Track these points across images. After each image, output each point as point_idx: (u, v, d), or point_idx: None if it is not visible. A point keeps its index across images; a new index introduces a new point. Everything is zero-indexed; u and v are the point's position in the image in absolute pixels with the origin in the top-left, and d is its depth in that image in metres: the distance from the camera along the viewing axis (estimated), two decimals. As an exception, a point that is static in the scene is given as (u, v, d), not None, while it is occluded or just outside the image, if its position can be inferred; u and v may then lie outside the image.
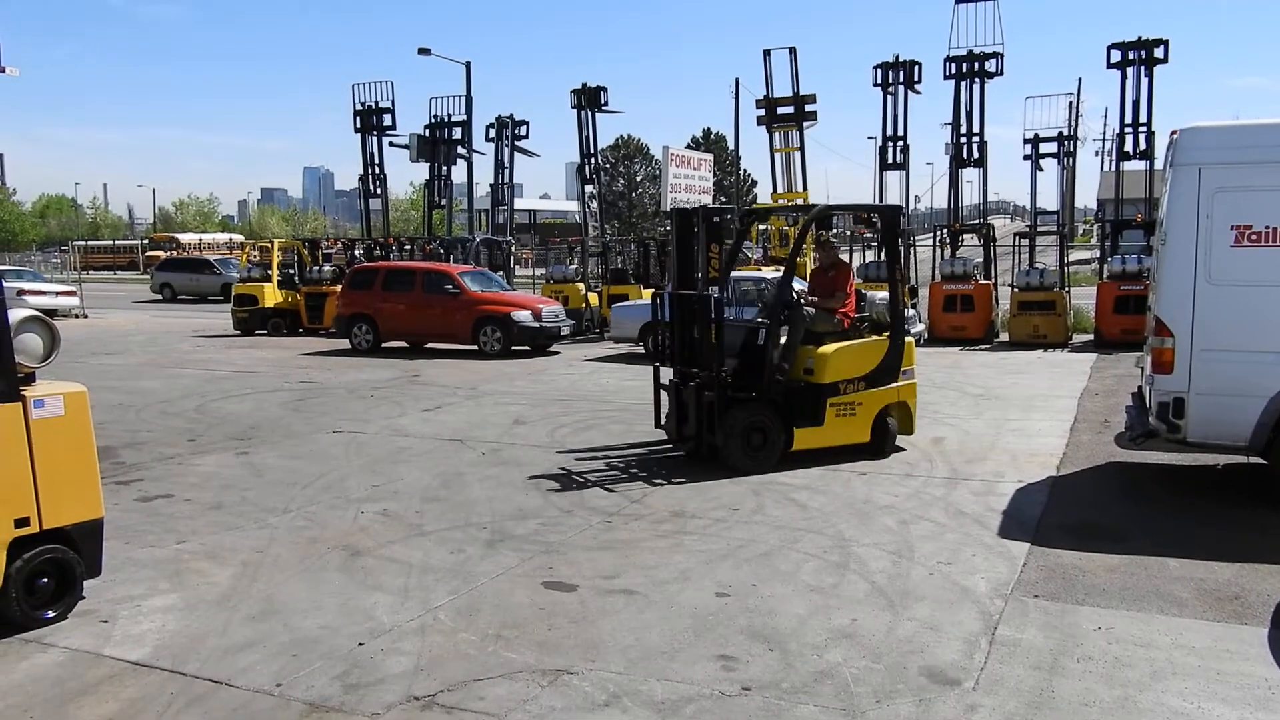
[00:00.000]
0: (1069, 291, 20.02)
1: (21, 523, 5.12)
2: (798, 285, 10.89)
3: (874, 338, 9.40)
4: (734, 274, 20.67)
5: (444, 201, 27.69)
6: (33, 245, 77.70)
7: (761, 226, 30.06)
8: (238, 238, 70.05)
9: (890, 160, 23.22)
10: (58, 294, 28.65)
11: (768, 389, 8.92)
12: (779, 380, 8.93)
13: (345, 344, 19.70)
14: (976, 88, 21.78)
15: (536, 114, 31.72)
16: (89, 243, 70.74)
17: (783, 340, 9.10)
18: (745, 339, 9.34)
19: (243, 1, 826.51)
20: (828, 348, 9.12)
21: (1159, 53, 20.02)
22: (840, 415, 9.06)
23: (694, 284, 9.27)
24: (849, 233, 22.39)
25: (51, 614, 5.31)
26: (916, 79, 22.73)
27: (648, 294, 21.77)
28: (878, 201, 22.95)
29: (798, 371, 9.14)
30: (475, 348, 18.62)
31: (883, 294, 9.64)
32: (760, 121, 25.50)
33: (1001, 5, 21.57)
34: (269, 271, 24.03)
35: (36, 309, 6.17)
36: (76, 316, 27.96)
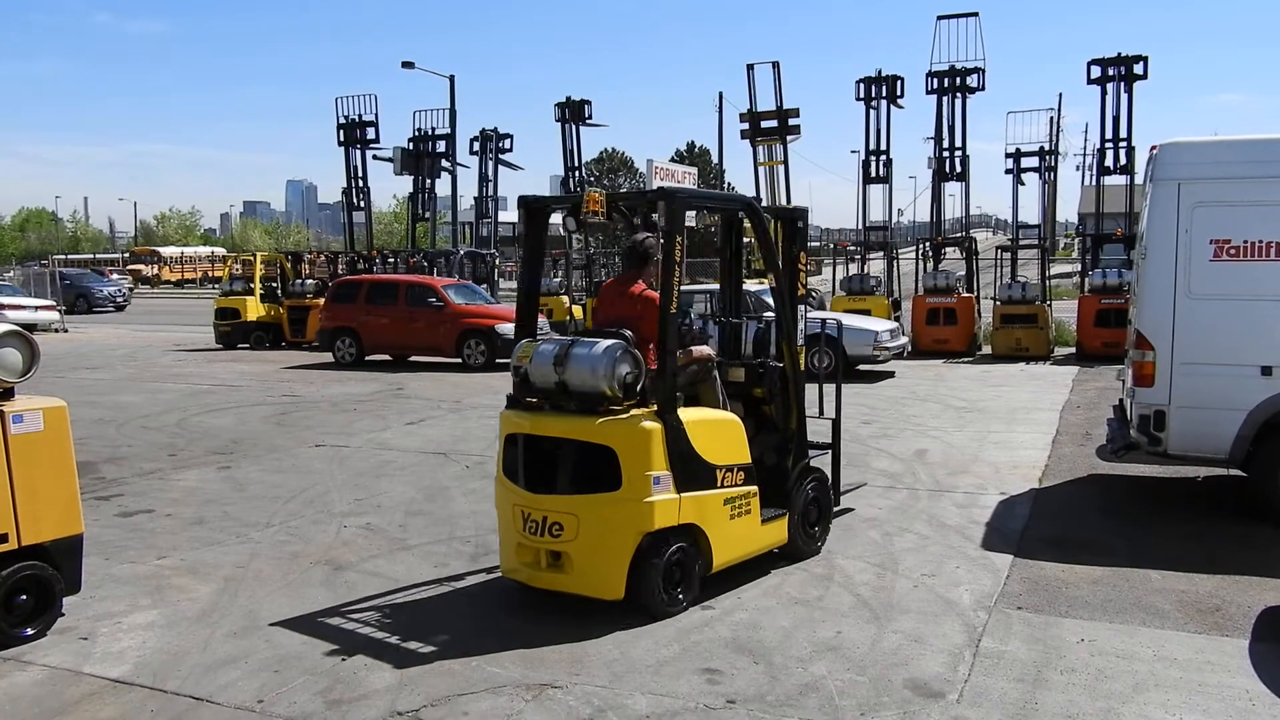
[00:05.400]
0: (1050, 305, 20.18)
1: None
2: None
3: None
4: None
5: (428, 214, 27.64)
6: (12, 259, 77.19)
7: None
8: (220, 251, 69.82)
9: (873, 174, 23.32)
10: (37, 308, 28.43)
11: None
12: None
13: (328, 357, 19.62)
14: (958, 102, 21.92)
15: (520, 127, 31.83)
16: (69, 256, 70.37)
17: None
18: None
19: (228, 17, 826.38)
20: None
21: (1138, 69, 20.20)
22: None
23: None
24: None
25: (30, 631, 5.26)
26: (899, 93, 22.85)
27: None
28: (862, 215, 22.93)
29: None
30: (459, 361, 18.57)
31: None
32: (744, 135, 25.58)
33: (983, 21, 21.77)
34: (251, 285, 23.94)
35: (15, 323, 6.13)
36: (56, 331, 27.75)
